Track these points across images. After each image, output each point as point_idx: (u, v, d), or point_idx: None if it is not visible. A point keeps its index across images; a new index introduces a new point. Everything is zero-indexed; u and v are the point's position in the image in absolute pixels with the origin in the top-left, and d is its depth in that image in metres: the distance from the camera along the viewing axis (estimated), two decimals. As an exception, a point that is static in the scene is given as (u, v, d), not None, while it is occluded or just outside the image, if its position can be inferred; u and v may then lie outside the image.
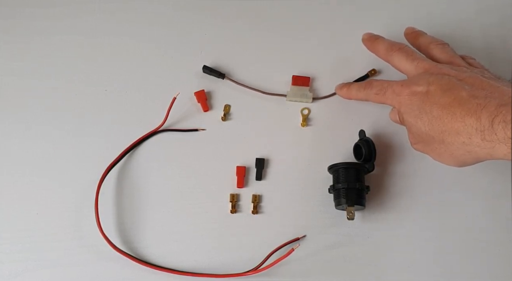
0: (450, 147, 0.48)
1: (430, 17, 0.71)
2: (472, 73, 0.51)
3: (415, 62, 0.54)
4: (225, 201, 0.61)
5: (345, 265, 0.59)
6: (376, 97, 0.57)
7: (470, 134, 0.45)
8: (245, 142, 0.64)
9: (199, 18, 0.70)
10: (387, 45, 0.58)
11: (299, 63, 0.67)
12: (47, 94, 0.65)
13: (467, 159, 0.49)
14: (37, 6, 0.70)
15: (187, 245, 0.59)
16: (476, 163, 0.51)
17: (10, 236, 0.59)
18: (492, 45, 0.69)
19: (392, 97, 0.54)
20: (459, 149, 0.48)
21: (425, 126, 0.50)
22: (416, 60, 0.55)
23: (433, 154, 0.53)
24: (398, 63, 0.57)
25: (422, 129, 0.50)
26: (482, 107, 0.44)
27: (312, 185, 0.61)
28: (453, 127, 0.47)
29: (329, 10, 0.71)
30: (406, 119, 0.53)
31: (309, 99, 0.65)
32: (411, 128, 0.53)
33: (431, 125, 0.49)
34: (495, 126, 0.42)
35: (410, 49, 0.57)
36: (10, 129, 0.64)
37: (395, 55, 0.57)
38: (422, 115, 0.50)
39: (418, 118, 0.50)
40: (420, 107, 0.50)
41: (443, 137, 0.48)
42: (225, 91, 0.66)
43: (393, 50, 0.57)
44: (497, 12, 0.71)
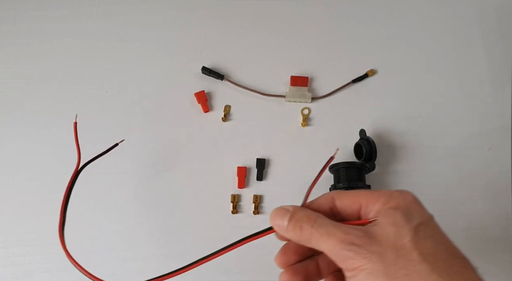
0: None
1: (429, 18, 0.71)
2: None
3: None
4: (226, 201, 0.61)
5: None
6: None
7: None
8: (246, 142, 0.64)
9: (198, 20, 0.70)
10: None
11: (297, 64, 0.68)
12: (47, 95, 0.66)
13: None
14: (36, 9, 0.70)
15: (189, 246, 0.59)
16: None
17: (12, 240, 0.59)
18: (492, 45, 0.69)
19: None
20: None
21: None
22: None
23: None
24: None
25: None
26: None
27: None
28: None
29: (327, 10, 0.71)
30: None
31: (308, 99, 0.65)
32: None
33: None
34: None
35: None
36: (21, 132, 0.64)
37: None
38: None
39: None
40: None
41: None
42: (225, 91, 0.66)
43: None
44: (497, 11, 0.71)
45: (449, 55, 0.69)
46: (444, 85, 0.67)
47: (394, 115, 0.65)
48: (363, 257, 0.30)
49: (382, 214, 0.32)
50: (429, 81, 0.67)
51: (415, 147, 0.64)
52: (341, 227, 0.32)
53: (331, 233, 0.32)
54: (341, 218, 0.35)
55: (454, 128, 0.65)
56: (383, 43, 0.69)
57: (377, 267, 0.29)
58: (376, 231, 0.31)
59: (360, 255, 0.30)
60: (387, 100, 0.66)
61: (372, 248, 0.30)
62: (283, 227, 0.35)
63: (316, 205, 0.36)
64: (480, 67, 0.68)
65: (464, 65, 0.68)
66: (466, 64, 0.68)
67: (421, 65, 0.68)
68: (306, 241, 0.33)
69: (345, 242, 0.31)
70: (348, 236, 0.31)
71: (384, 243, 0.30)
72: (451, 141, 0.64)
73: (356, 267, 0.30)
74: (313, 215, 0.34)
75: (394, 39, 0.69)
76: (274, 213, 0.36)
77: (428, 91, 0.67)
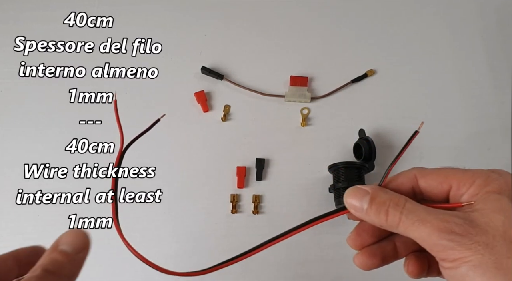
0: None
1: (429, 18, 0.71)
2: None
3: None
4: (226, 201, 0.61)
5: (346, 264, 0.59)
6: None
7: None
8: (245, 142, 0.64)
9: (198, 20, 0.70)
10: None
11: (296, 64, 0.68)
12: (46, 95, 0.66)
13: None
14: (36, 9, 0.70)
15: (189, 246, 0.59)
16: None
17: (13, 239, 0.59)
18: (492, 45, 0.69)
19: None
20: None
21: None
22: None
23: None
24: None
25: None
26: None
27: (313, 184, 0.62)
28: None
29: (326, 10, 0.71)
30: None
31: (307, 99, 0.65)
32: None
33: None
34: None
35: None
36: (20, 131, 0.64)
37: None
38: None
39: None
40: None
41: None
42: (224, 91, 0.66)
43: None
44: (497, 12, 0.71)
45: (448, 55, 0.69)
46: (443, 85, 0.67)
47: (394, 115, 0.65)
48: (467, 248, 0.26)
49: (482, 198, 0.28)
50: (429, 81, 0.67)
51: (415, 147, 0.64)
52: (436, 213, 0.28)
53: (425, 220, 0.28)
54: (422, 198, 0.32)
55: (453, 128, 0.65)
56: (383, 43, 0.69)
57: (486, 259, 0.26)
58: (478, 218, 0.27)
59: (463, 245, 0.26)
60: (387, 100, 0.66)
61: (477, 238, 0.26)
62: (362, 209, 0.31)
63: (396, 184, 0.33)
64: (480, 67, 0.68)
65: (463, 65, 0.68)
66: (465, 64, 0.68)
67: (420, 65, 0.68)
68: (392, 226, 0.29)
69: (443, 231, 0.27)
70: (446, 223, 0.27)
71: (492, 233, 0.27)
72: (451, 141, 0.64)
73: (457, 259, 0.27)
74: (401, 199, 0.30)
75: (394, 39, 0.69)
76: (350, 194, 0.32)
77: (427, 91, 0.67)
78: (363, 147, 0.60)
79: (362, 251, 0.34)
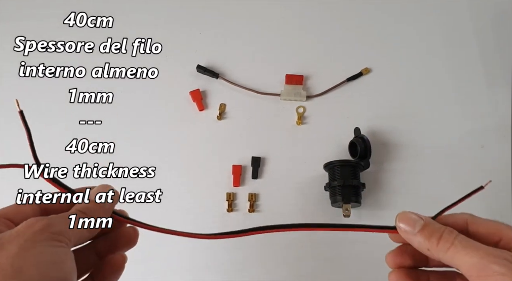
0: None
1: (424, 17, 0.71)
2: None
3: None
4: (221, 200, 0.61)
5: (342, 262, 0.59)
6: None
7: None
8: (241, 140, 0.64)
9: (193, 18, 0.70)
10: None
11: (292, 62, 0.68)
12: (46, 95, 0.65)
13: None
14: (36, 8, 0.69)
15: (184, 245, 0.59)
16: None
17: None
18: (486, 44, 0.70)
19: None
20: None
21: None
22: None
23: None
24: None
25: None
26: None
27: (308, 183, 0.62)
28: None
29: (322, 9, 0.71)
30: None
31: (303, 97, 0.65)
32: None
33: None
34: None
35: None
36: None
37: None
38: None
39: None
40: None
41: None
42: (220, 90, 0.66)
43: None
44: (490, 11, 0.72)
45: (443, 54, 0.69)
46: (438, 83, 0.68)
47: (389, 113, 0.66)
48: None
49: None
50: (424, 80, 0.68)
51: (410, 145, 0.64)
52: (488, 247, 0.29)
53: (479, 247, 0.29)
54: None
55: (448, 126, 0.65)
56: (378, 42, 0.69)
57: None
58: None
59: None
60: (382, 99, 0.67)
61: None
62: (412, 232, 0.33)
63: (446, 222, 0.33)
64: (474, 66, 0.68)
65: (458, 63, 0.69)
66: (460, 62, 0.69)
67: (415, 63, 0.69)
68: (440, 251, 0.31)
69: (497, 257, 0.28)
70: (500, 252, 0.28)
71: None
72: (445, 139, 0.65)
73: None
74: (454, 230, 0.31)
75: (389, 38, 0.70)
76: (404, 217, 0.34)
77: (422, 90, 0.67)
78: (358, 145, 0.60)
79: (399, 270, 0.36)
